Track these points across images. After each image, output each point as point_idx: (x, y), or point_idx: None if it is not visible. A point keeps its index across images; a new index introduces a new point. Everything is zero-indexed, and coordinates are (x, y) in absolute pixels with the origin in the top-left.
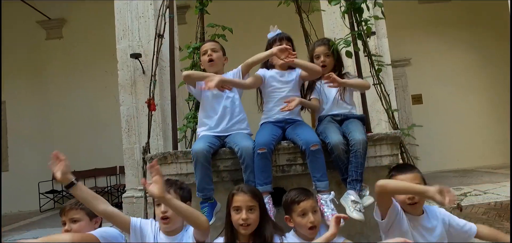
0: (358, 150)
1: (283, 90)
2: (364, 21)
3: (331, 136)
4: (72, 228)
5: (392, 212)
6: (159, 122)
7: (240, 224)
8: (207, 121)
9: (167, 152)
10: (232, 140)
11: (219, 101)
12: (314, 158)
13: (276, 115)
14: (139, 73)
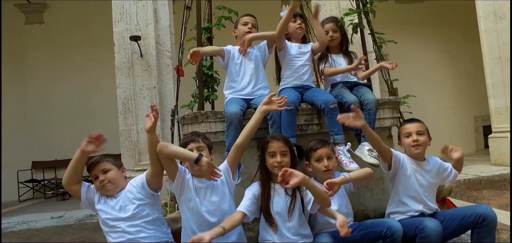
0: (371, 108)
1: (301, 58)
2: (369, 2)
3: (347, 96)
4: (106, 178)
5: (395, 162)
6: (157, 104)
7: (275, 166)
8: (234, 85)
9: (198, 112)
10: (258, 101)
11: (245, 67)
12: (332, 115)
13: (295, 81)
14: (136, 56)
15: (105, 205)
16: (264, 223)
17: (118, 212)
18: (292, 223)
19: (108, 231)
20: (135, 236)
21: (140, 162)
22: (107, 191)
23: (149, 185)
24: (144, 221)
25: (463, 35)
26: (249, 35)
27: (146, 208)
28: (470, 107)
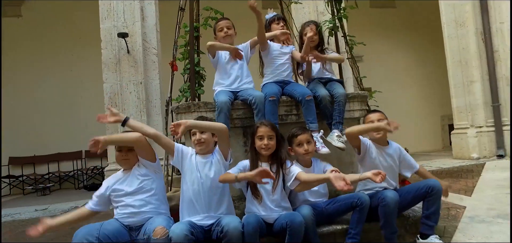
0: (341, 100)
1: (282, 58)
2: (342, 9)
3: (320, 91)
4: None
5: (363, 146)
6: (143, 99)
7: (262, 147)
8: (222, 81)
9: (191, 102)
10: (245, 93)
11: (232, 66)
12: (308, 105)
13: (276, 77)
14: (123, 52)
15: (121, 179)
16: (250, 196)
17: (125, 186)
18: (275, 197)
19: (116, 202)
20: (139, 209)
21: None
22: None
23: (138, 154)
24: (148, 195)
25: (431, 40)
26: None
27: (149, 184)
28: (437, 107)
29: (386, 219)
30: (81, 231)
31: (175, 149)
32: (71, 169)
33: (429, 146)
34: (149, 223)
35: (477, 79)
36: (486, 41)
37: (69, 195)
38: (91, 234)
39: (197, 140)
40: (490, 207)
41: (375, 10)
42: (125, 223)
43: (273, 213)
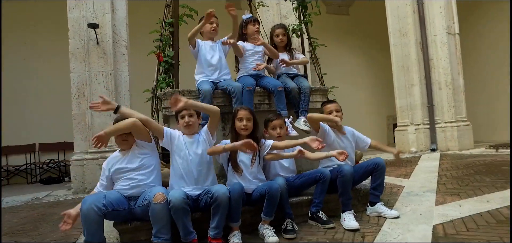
0: (306, 92)
1: (255, 56)
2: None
3: (289, 84)
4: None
5: (321, 130)
6: (112, 90)
7: (242, 128)
8: (204, 71)
9: (177, 89)
10: (224, 83)
11: (212, 57)
12: (279, 96)
13: (251, 71)
14: (92, 43)
15: (120, 159)
16: (231, 170)
17: (127, 164)
18: (253, 170)
19: (117, 179)
20: (140, 182)
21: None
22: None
23: (135, 136)
24: (148, 171)
25: (379, 46)
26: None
27: (149, 161)
28: (384, 107)
29: (343, 188)
30: (89, 199)
31: (164, 132)
32: (23, 163)
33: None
34: (148, 191)
35: (416, 83)
36: (423, 50)
37: (20, 189)
38: (98, 201)
39: (185, 122)
40: (422, 185)
41: (331, 16)
42: (126, 194)
43: (251, 184)
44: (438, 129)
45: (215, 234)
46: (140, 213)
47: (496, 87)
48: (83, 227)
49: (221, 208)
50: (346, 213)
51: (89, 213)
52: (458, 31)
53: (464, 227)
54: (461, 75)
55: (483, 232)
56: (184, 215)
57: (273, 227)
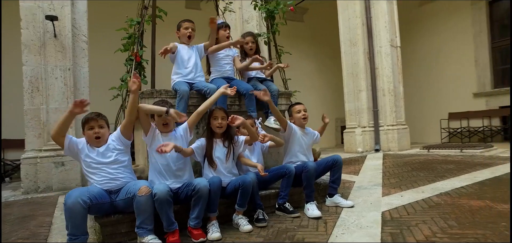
0: (275, 95)
1: (226, 59)
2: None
3: (259, 87)
4: (100, 132)
5: (289, 128)
6: (70, 86)
7: (217, 126)
8: (180, 72)
9: (154, 89)
10: (200, 84)
11: (188, 60)
12: (250, 98)
13: (223, 74)
14: (49, 35)
15: (91, 152)
16: (207, 165)
17: (101, 158)
18: (227, 165)
19: (91, 173)
20: (116, 176)
21: (49, 142)
22: (97, 142)
23: (123, 134)
24: (122, 166)
25: (331, 54)
26: None
27: (123, 156)
28: (333, 110)
29: (307, 181)
30: (74, 193)
31: (150, 129)
32: None
33: (326, 143)
34: (132, 185)
35: (363, 89)
36: (370, 59)
37: None
38: (83, 195)
39: (164, 122)
40: (369, 180)
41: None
42: (105, 187)
43: (225, 178)
44: (381, 132)
45: (196, 224)
46: (123, 206)
47: (427, 95)
48: (67, 221)
49: (202, 199)
50: (310, 203)
51: (74, 206)
52: (399, 44)
53: (405, 212)
54: (401, 83)
55: (420, 215)
56: (168, 207)
57: (247, 217)
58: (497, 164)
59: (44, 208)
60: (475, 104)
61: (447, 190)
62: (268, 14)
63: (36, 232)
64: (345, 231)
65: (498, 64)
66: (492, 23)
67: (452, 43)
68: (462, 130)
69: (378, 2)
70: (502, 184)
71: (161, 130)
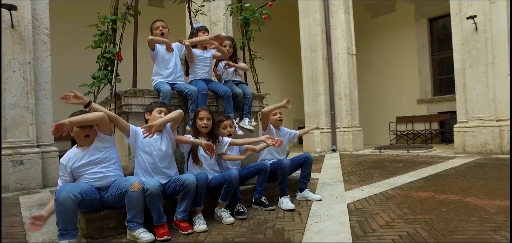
0: (250, 98)
1: (204, 61)
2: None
3: (236, 90)
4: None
5: (268, 128)
6: (31, 81)
7: (202, 126)
8: (162, 73)
9: (137, 88)
10: (181, 85)
11: (168, 61)
12: (228, 100)
13: (201, 75)
14: (6, 25)
15: (80, 155)
16: (191, 163)
17: (90, 158)
18: (211, 162)
19: (83, 173)
20: (106, 174)
21: (6, 139)
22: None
23: (101, 132)
24: (111, 163)
25: (292, 59)
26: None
27: (111, 154)
28: (292, 112)
29: (282, 177)
30: (64, 189)
31: (130, 130)
32: None
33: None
34: (123, 181)
35: (322, 93)
36: (328, 65)
37: None
38: (74, 190)
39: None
40: (332, 177)
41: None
42: (95, 185)
43: (209, 175)
44: (338, 133)
45: (183, 217)
46: (112, 201)
47: (378, 100)
48: (58, 217)
49: (189, 193)
50: (284, 197)
51: (66, 202)
52: (355, 52)
53: (367, 204)
54: (356, 88)
55: (379, 205)
56: (159, 201)
57: (228, 210)
58: (437, 162)
59: (6, 209)
60: (418, 110)
61: (399, 185)
62: (243, 21)
63: (10, 232)
64: (318, 220)
65: (437, 75)
66: (432, 38)
67: (399, 54)
68: (408, 132)
69: (336, 12)
70: (442, 179)
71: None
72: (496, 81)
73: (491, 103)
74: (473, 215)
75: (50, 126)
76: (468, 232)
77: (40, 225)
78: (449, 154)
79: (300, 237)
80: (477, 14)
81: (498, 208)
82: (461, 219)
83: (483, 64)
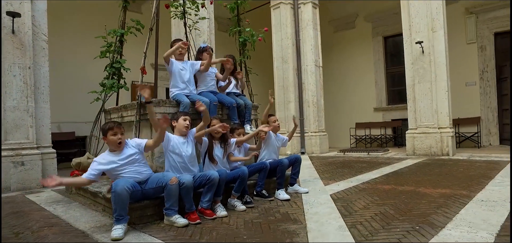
0: (249, 108)
1: (211, 76)
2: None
3: (238, 101)
4: (122, 138)
5: (268, 135)
6: (31, 85)
7: (215, 132)
8: (178, 85)
9: (161, 99)
10: (194, 97)
11: (183, 74)
12: (233, 110)
13: (208, 89)
14: (7, 31)
15: (114, 158)
16: (208, 162)
17: (123, 160)
18: (223, 161)
19: (120, 172)
20: (141, 171)
21: (7, 141)
22: (119, 146)
23: (145, 150)
24: (141, 163)
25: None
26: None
27: (140, 156)
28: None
29: (281, 173)
30: (120, 183)
31: (166, 135)
32: None
33: None
34: (161, 176)
35: (292, 100)
36: (298, 75)
37: None
38: (127, 183)
39: (185, 126)
40: (309, 175)
41: (221, 33)
42: (136, 180)
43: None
44: (306, 137)
45: (208, 205)
46: (152, 193)
47: (340, 108)
48: (115, 205)
49: (213, 186)
50: (280, 190)
51: (122, 193)
52: (321, 65)
53: (345, 194)
54: (322, 97)
55: (355, 195)
56: (191, 192)
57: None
58: (393, 163)
59: (26, 206)
60: (375, 117)
61: (367, 180)
62: (242, 42)
63: (50, 222)
64: (312, 206)
65: (391, 86)
66: (386, 54)
67: (359, 66)
68: (366, 137)
69: (306, 28)
70: (399, 175)
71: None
72: (438, 95)
73: (434, 114)
74: (423, 199)
75: (48, 129)
76: (420, 209)
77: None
78: (402, 156)
79: (303, 217)
80: (423, 40)
81: (440, 194)
82: (415, 202)
83: (428, 81)
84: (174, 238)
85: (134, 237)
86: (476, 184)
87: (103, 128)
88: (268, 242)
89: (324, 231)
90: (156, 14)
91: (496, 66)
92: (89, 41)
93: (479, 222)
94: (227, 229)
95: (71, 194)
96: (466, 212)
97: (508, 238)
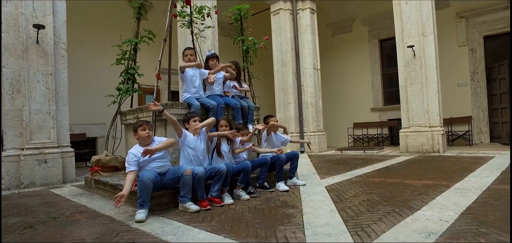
0: (252, 109)
1: (218, 81)
2: (250, 56)
3: (242, 103)
4: (150, 133)
5: (271, 135)
6: (52, 90)
7: (223, 131)
8: (189, 90)
9: (174, 102)
10: (204, 100)
11: (194, 81)
12: (238, 111)
13: (217, 92)
14: (32, 41)
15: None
16: (216, 156)
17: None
18: (229, 156)
19: (148, 163)
20: (164, 165)
21: (32, 141)
22: (149, 140)
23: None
24: (165, 158)
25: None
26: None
27: (165, 152)
28: None
29: (280, 168)
30: (145, 174)
31: (183, 132)
32: None
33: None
34: (177, 168)
35: (292, 102)
36: (297, 78)
37: None
38: (151, 174)
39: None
40: (307, 171)
41: (224, 38)
42: (157, 171)
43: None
44: (305, 136)
45: (217, 194)
46: (169, 183)
47: (338, 108)
48: (140, 192)
49: (222, 177)
50: (280, 182)
51: (147, 182)
52: (319, 67)
53: (338, 186)
54: (320, 98)
55: (348, 187)
56: (202, 182)
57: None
58: (386, 159)
59: (54, 198)
60: (372, 117)
61: (360, 174)
62: (245, 50)
63: (80, 210)
64: (308, 196)
65: (387, 87)
66: (382, 56)
67: (356, 68)
68: (363, 136)
69: (304, 33)
70: (389, 170)
71: (193, 133)
72: (429, 96)
73: (426, 114)
74: (407, 189)
75: (67, 130)
76: (403, 197)
77: (122, 202)
78: (396, 153)
79: (300, 204)
80: (415, 44)
81: (423, 185)
82: (400, 191)
83: (419, 83)
84: (189, 221)
85: (154, 220)
86: (457, 176)
87: (134, 126)
88: (269, 222)
89: (317, 214)
90: (169, 27)
91: (486, 68)
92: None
93: (450, 205)
94: (233, 213)
95: (90, 188)
96: (441, 198)
97: (470, 216)
